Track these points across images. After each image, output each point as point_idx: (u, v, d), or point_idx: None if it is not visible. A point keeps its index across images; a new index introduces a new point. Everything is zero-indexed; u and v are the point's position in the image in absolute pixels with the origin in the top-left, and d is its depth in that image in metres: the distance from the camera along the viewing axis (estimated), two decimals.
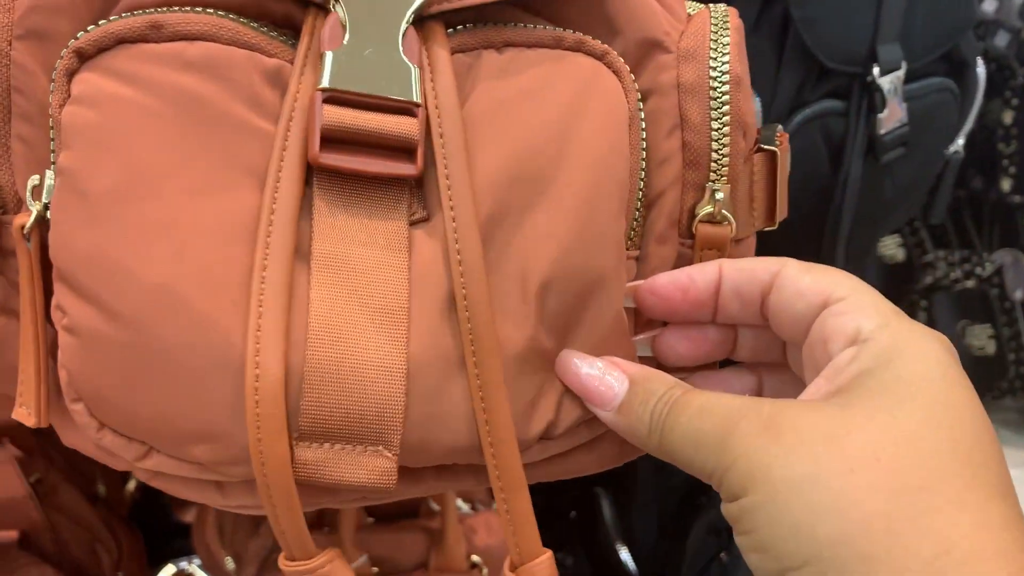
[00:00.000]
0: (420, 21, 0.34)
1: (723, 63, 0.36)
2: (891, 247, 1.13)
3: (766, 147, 0.39)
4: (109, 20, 0.32)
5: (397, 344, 0.31)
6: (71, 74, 0.31)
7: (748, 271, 0.34)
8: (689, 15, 0.38)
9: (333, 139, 0.32)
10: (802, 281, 0.32)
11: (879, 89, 0.64)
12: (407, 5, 0.33)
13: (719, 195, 0.36)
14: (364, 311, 0.31)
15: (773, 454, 0.27)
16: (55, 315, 0.31)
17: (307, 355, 0.30)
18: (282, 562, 0.32)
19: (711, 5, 0.38)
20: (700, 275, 0.35)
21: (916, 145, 0.68)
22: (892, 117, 0.65)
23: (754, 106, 0.38)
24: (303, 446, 0.31)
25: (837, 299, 0.31)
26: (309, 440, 0.31)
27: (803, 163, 0.63)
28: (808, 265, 0.33)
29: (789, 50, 0.62)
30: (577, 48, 0.35)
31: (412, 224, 0.33)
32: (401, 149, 0.32)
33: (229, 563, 0.66)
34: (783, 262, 0.33)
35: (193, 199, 0.31)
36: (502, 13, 0.35)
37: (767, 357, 0.36)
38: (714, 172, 0.36)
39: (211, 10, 0.33)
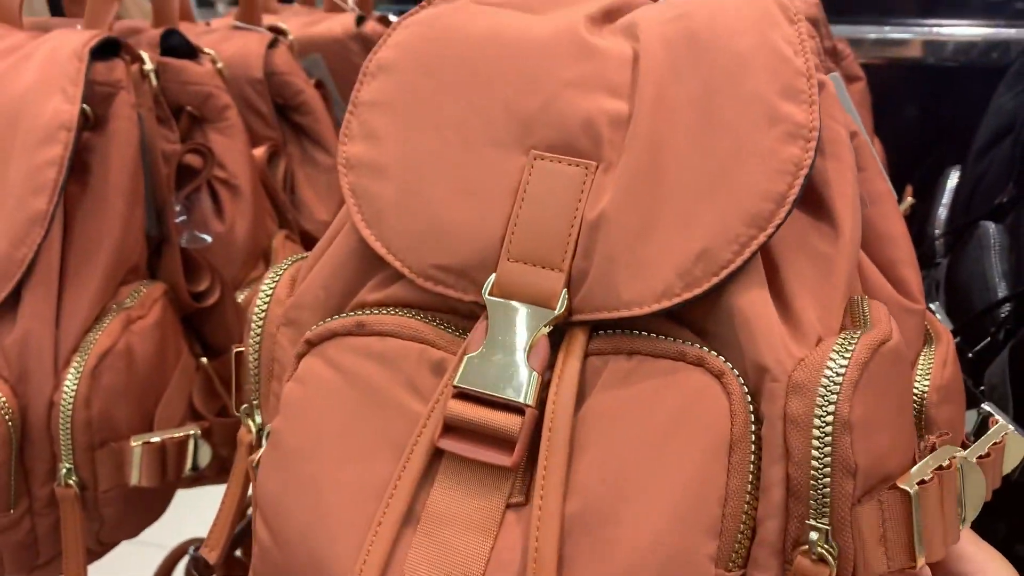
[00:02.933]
0: (568, 324, 0.40)
1: (830, 402, 0.36)
2: None
3: (901, 486, 0.36)
4: (334, 318, 0.44)
5: None
6: (300, 357, 0.44)
7: None
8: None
9: (454, 427, 0.39)
10: None
11: None
12: (542, 319, 0.40)
13: (813, 534, 0.36)
14: None
15: None
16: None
17: None
18: None
19: (843, 335, 0.37)
20: None
21: None
22: None
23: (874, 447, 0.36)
24: None
25: None
26: None
27: None
28: None
29: None
30: (698, 364, 0.38)
31: (510, 507, 0.39)
32: (505, 441, 0.39)
33: None
34: None
35: (340, 464, 0.40)
36: (647, 321, 0.40)
37: None
38: (813, 510, 0.36)
39: (404, 311, 0.43)
